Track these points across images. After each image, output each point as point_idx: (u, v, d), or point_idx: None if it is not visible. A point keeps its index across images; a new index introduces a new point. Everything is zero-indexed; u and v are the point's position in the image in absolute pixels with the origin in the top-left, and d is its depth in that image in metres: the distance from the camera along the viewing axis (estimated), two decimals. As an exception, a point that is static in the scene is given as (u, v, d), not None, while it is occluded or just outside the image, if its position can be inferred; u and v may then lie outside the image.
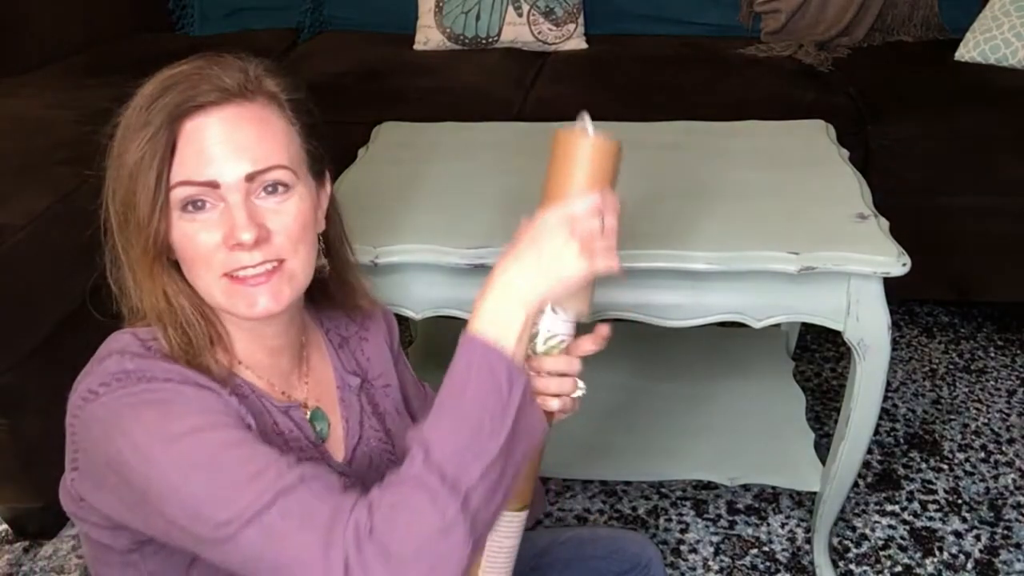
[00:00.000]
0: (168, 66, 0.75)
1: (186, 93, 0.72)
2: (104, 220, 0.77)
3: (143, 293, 0.76)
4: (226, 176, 0.73)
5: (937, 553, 1.56)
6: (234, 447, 0.68)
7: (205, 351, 0.76)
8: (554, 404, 0.79)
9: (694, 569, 1.55)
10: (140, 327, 0.77)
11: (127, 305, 0.78)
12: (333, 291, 0.89)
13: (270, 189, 0.75)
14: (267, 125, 0.75)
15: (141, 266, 0.75)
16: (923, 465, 1.76)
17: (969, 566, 1.54)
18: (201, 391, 0.71)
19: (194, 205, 0.73)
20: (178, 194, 0.73)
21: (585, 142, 0.76)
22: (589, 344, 0.81)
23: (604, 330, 0.80)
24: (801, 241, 1.21)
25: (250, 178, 0.73)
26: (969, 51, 2.21)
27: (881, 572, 1.53)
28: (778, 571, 1.54)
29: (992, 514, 1.64)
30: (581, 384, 0.82)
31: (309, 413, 0.86)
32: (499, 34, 2.48)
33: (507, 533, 0.81)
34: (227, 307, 0.76)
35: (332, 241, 0.87)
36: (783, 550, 1.58)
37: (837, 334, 1.25)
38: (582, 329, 0.83)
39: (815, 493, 1.51)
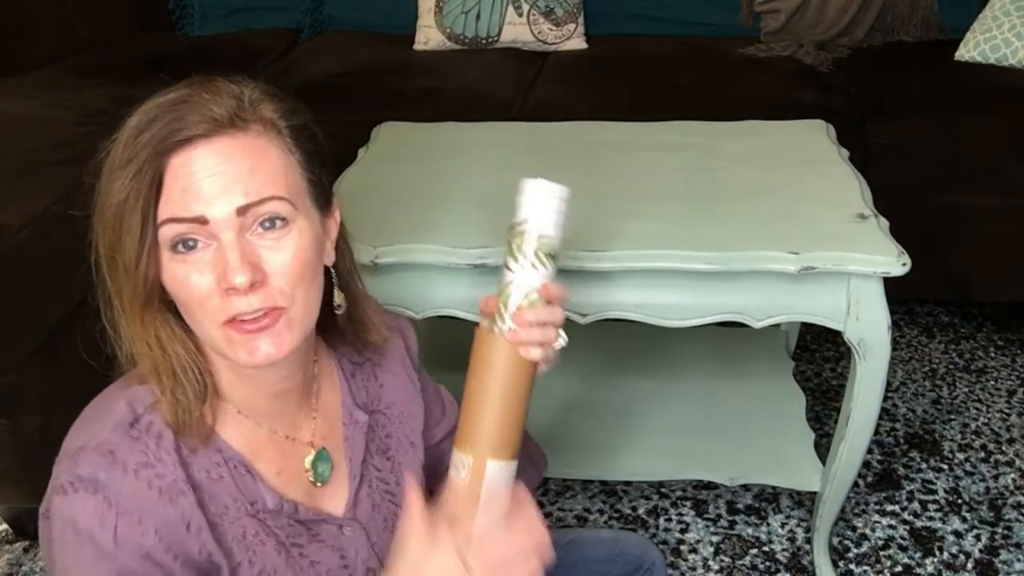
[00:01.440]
0: (156, 94, 0.70)
1: (171, 126, 0.67)
2: (94, 261, 0.73)
3: (135, 339, 0.72)
4: (216, 212, 0.67)
5: (937, 553, 1.56)
6: None
7: (196, 407, 0.73)
8: (536, 353, 0.81)
9: (694, 569, 1.55)
10: (137, 384, 0.74)
11: (122, 347, 0.74)
12: (343, 326, 0.84)
13: (267, 224, 0.70)
14: (262, 155, 0.70)
15: (132, 311, 0.71)
16: (923, 465, 1.76)
17: (969, 566, 1.54)
18: (144, 546, 0.69)
19: (184, 245, 0.69)
20: (166, 233, 0.68)
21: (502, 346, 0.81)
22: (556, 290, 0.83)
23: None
24: (801, 241, 1.21)
25: (242, 211, 0.68)
26: (969, 51, 2.21)
27: (881, 572, 1.53)
28: (778, 571, 1.54)
29: (992, 514, 1.64)
30: (563, 335, 0.84)
31: (313, 455, 0.82)
32: (499, 34, 2.48)
33: (500, 482, 0.81)
34: (228, 354, 0.71)
35: (342, 274, 0.81)
36: (783, 550, 1.58)
37: (837, 334, 1.25)
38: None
39: (815, 493, 1.51)
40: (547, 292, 0.82)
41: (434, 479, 0.93)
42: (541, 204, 0.82)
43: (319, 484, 0.83)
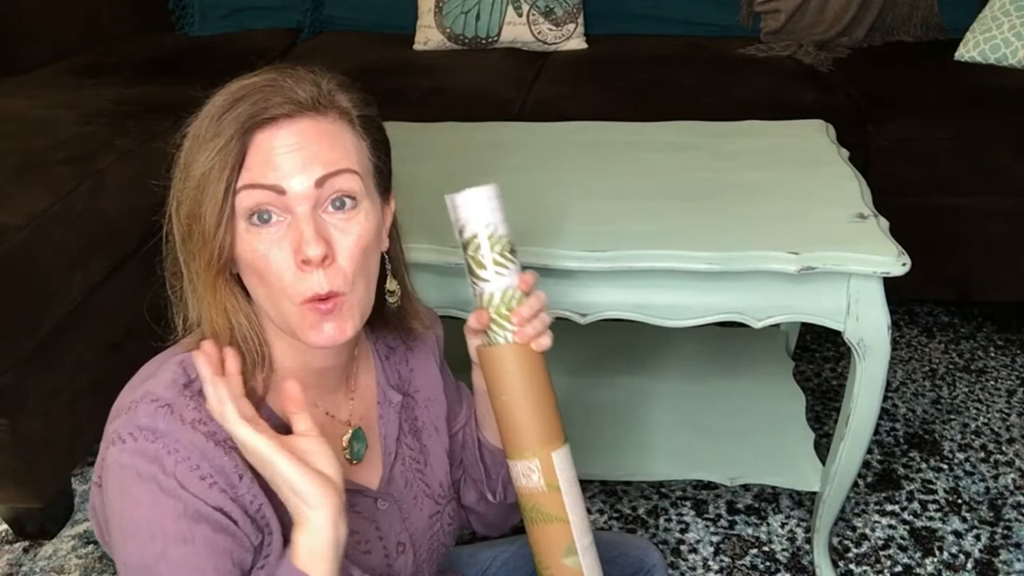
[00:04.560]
0: (239, 77, 0.75)
1: (258, 105, 0.72)
2: (167, 231, 0.77)
3: (202, 307, 0.76)
4: (294, 185, 0.72)
5: (937, 553, 1.56)
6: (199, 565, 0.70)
7: (249, 375, 0.77)
8: (545, 341, 0.85)
9: (694, 569, 1.55)
10: (193, 348, 0.77)
11: (182, 315, 0.79)
12: (390, 312, 0.88)
13: (337, 204, 0.74)
14: (338, 136, 0.75)
15: (204, 280, 0.75)
16: (923, 465, 1.76)
17: (969, 566, 1.54)
18: (204, 491, 0.71)
19: (260, 218, 0.72)
20: (243, 201, 0.72)
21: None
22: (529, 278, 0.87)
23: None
24: (801, 241, 1.21)
25: (320, 182, 0.72)
26: (969, 51, 2.21)
27: (881, 572, 1.53)
28: (778, 571, 1.54)
29: (992, 514, 1.64)
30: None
31: (350, 433, 0.86)
32: (499, 34, 2.48)
33: (568, 465, 0.87)
34: (297, 332, 0.75)
35: (395, 261, 0.86)
36: (783, 550, 1.58)
37: (837, 334, 1.25)
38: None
39: (815, 493, 1.51)
40: (525, 284, 0.86)
41: (453, 466, 0.98)
42: (482, 210, 0.86)
43: (354, 462, 0.86)
